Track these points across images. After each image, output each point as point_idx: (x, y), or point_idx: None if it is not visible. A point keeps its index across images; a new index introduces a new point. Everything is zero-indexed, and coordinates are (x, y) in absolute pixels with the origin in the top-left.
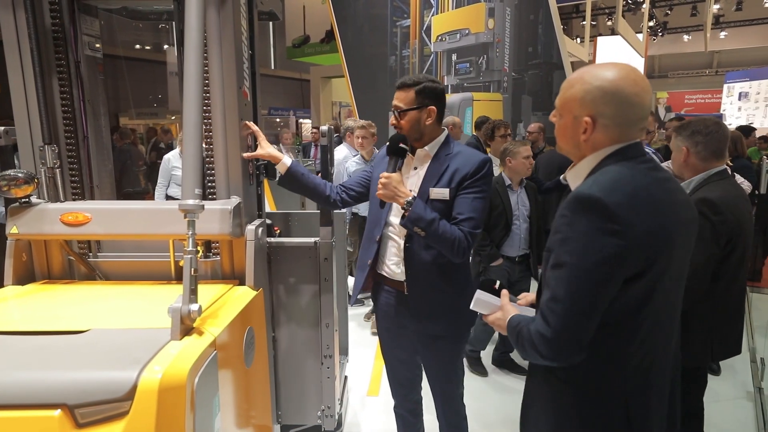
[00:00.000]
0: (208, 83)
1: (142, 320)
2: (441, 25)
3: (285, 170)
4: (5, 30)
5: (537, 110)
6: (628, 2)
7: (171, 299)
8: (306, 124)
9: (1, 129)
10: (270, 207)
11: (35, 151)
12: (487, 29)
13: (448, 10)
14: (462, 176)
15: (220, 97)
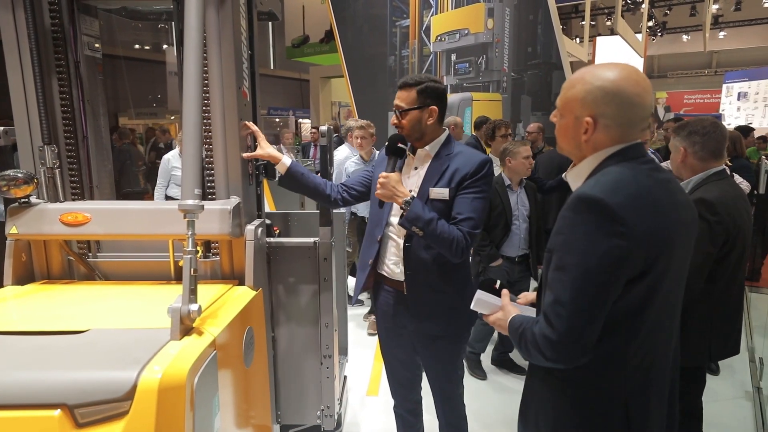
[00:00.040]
0: (208, 83)
1: (142, 320)
2: (440, 25)
3: (285, 170)
4: (5, 30)
5: (536, 110)
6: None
7: (170, 299)
8: (305, 124)
9: (1, 129)
10: (269, 207)
11: (35, 151)
12: (487, 29)
13: (448, 10)
14: (462, 176)
15: (220, 97)
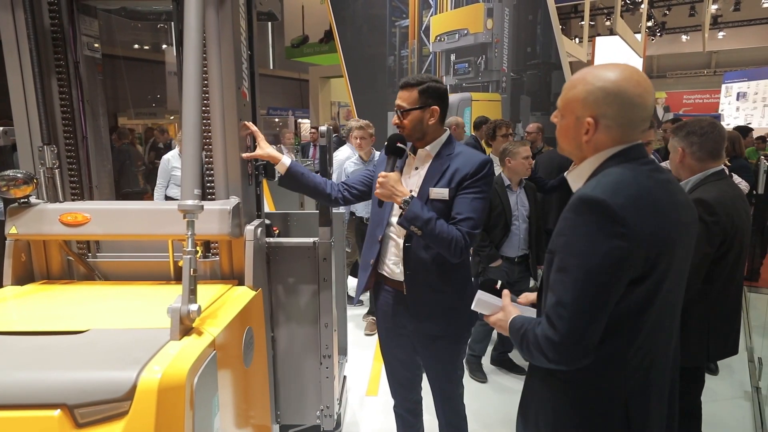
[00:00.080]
0: (207, 84)
1: (142, 320)
2: (439, 26)
3: (284, 170)
4: (4, 30)
5: (535, 110)
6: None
7: (170, 299)
8: (305, 124)
9: (1, 129)
10: (269, 207)
11: (34, 152)
12: (486, 29)
13: (447, 11)
14: (462, 176)
15: (219, 98)
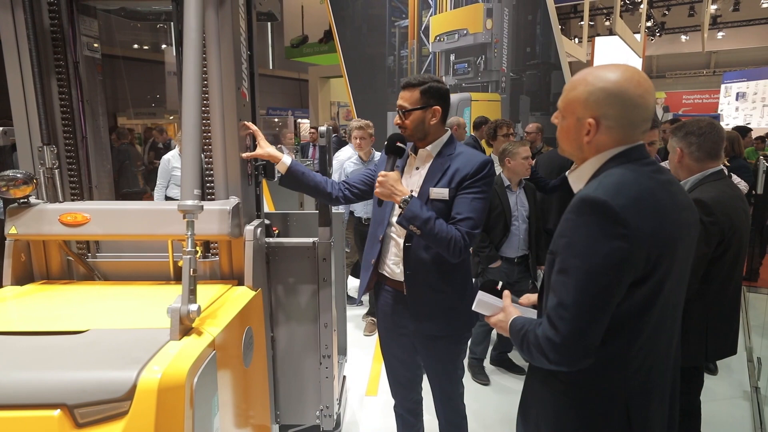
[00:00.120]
0: (207, 84)
1: (141, 320)
2: (439, 26)
3: (285, 170)
4: (4, 30)
5: (535, 110)
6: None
7: (170, 299)
8: (304, 125)
9: (0, 129)
10: (268, 207)
11: (34, 152)
12: (485, 29)
13: (446, 11)
14: (462, 176)
15: (219, 98)
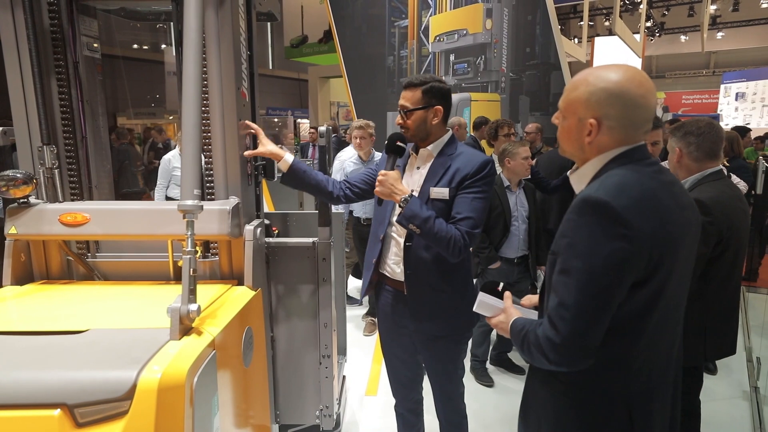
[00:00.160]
0: (207, 84)
1: (141, 320)
2: (439, 26)
3: (287, 168)
4: (4, 30)
5: (534, 110)
6: (626, 3)
7: (170, 299)
8: (304, 125)
9: (0, 129)
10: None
11: (34, 152)
12: (485, 30)
13: (446, 11)
14: (463, 176)
15: (219, 98)
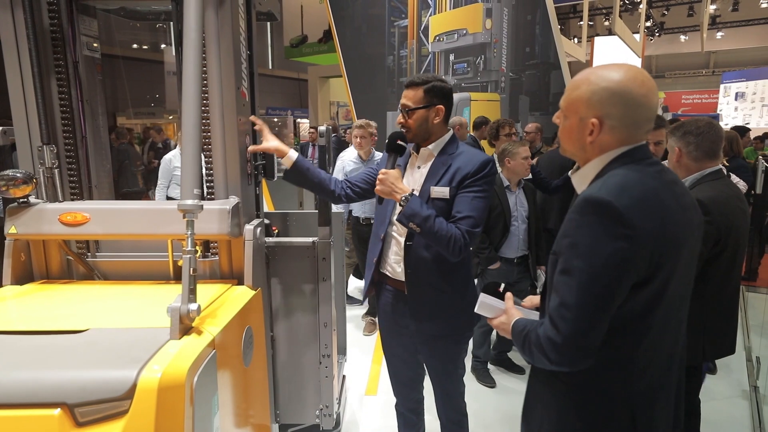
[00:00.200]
0: (207, 83)
1: (141, 320)
2: (438, 26)
3: (291, 164)
4: (3, 30)
5: (534, 110)
6: (626, 2)
7: (170, 299)
8: (304, 124)
9: (0, 129)
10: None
11: (33, 151)
12: (485, 29)
13: (446, 11)
14: (463, 175)
15: (219, 98)
